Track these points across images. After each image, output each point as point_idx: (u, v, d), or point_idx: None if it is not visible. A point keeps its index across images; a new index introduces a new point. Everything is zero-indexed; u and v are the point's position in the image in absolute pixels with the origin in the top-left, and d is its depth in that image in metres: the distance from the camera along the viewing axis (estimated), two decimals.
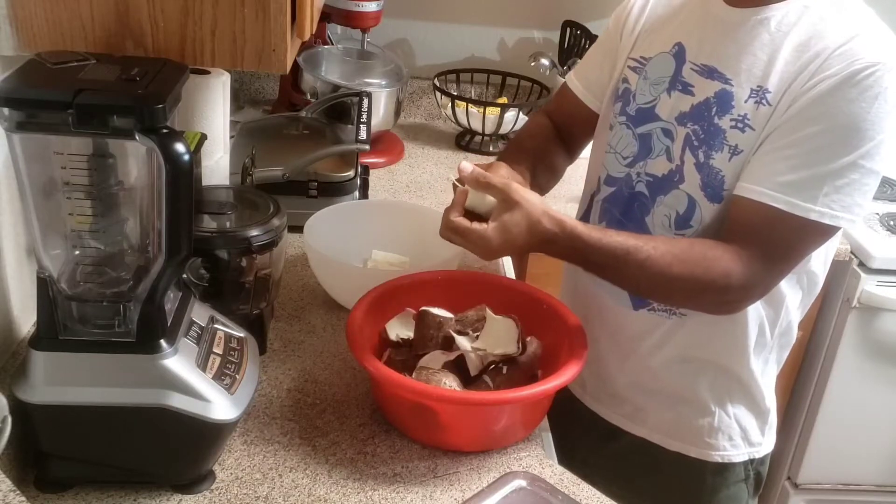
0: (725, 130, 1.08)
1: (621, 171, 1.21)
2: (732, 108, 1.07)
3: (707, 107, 1.10)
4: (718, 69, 1.10)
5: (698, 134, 1.10)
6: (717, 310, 1.12)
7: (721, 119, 1.08)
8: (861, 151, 1.00)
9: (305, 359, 1.23)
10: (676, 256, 1.05)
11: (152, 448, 0.94)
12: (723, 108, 1.08)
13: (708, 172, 1.10)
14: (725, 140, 1.08)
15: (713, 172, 1.09)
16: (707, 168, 1.10)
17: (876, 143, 0.99)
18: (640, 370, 1.24)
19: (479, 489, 1.01)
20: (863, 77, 0.98)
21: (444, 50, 2.34)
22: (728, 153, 1.08)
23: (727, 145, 1.08)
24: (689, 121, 1.12)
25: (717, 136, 1.08)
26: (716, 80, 1.09)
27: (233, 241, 1.12)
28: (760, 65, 1.06)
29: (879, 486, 2.20)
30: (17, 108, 0.81)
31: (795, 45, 1.04)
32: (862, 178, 1.01)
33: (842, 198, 1.01)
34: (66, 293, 0.91)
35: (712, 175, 1.09)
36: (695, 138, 1.11)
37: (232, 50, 0.96)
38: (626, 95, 1.21)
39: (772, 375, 1.26)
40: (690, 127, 1.12)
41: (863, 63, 0.98)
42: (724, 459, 1.26)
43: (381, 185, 1.89)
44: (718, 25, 1.11)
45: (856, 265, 1.94)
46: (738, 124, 1.07)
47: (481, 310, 1.16)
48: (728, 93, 1.08)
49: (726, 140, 1.08)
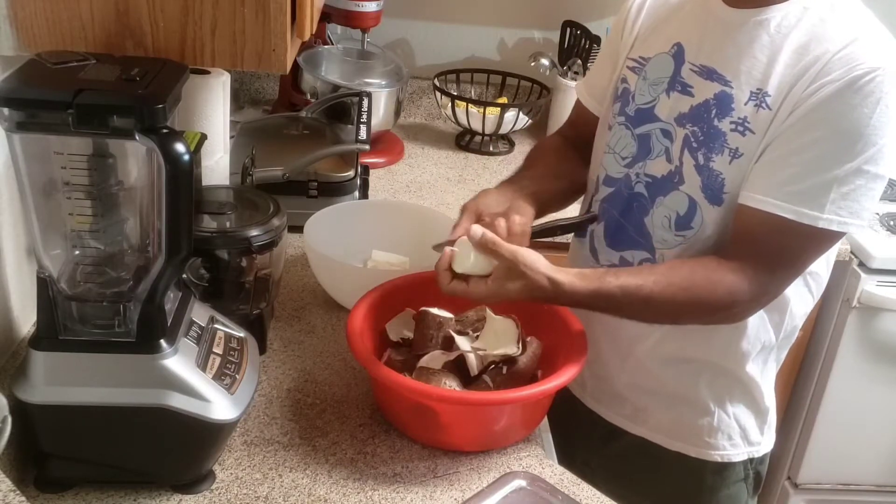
0: (726, 133, 1.07)
1: (620, 171, 1.21)
2: (732, 111, 1.07)
3: (706, 108, 1.10)
4: (718, 70, 1.09)
5: (697, 136, 1.10)
6: (727, 322, 1.13)
7: (721, 121, 1.08)
8: (865, 156, 0.99)
9: (305, 359, 1.23)
10: (679, 286, 1.05)
11: (152, 448, 0.94)
12: (722, 111, 1.08)
13: (708, 175, 1.09)
14: (726, 143, 1.07)
15: (713, 175, 1.09)
16: (707, 170, 1.09)
17: (879, 147, 0.99)
18: (640, 370, 1.24)
19: (479, 489, 1.01)
20: (864, 83, 0.98)
21: (444, 50, 2.34)
22: (728, 156, 1.07)
23: (728, 148, 1.07)
24: (688, 122, 1.12)
25: (717, 138, 1.08)
26: (715, 81, 1.09)
27: (233, 241, 1.12)
28: (760, 67, 1.06)
29: (879, 486, 2.20)
30: (17, 108, 0.81)
31: (795, 48, 1.04)
32: (867, 182, 1.01)
33: (849, 204, 1.01)
34: (66, 293, 0.91)
35: (712, 178, 1.09)
36: (694, 140, 1.11)
37: (232, 50, 0.96)
38: (626, 96, 1.21)
39: (771, 374, 1.26)
40: (690, 128, 1.11)
41: (864, 68, 0.98)
42: (724, 459, 1.26)
43: (381, 185, 1.89)
44: (718, 26, 1.11)
45: (856, 265, 1.94)
46: (739, 127, 1.06)
47: (481, 310, 1.16)
48: (728, 95, 1.08)
49: (727, 143, 1.07)
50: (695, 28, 1.14)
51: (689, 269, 1.07)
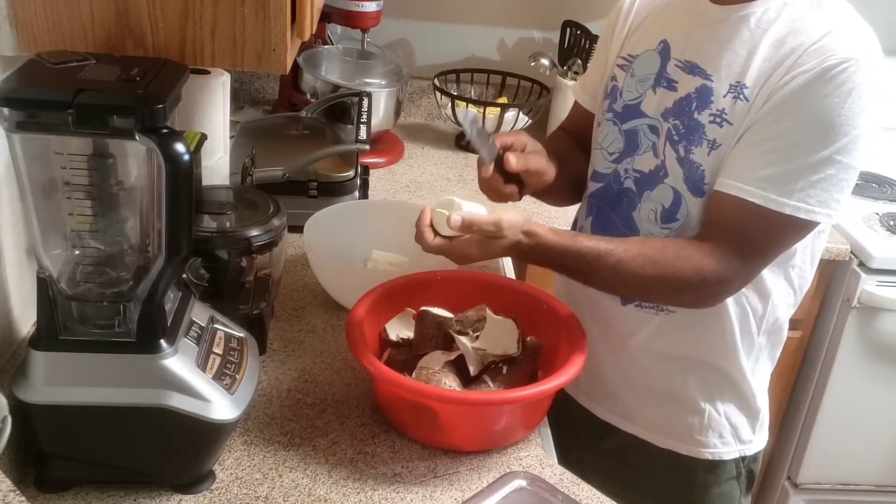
0: (704, 125, 1.09)
1: (607, 167, 1.22)
2: (711, 103, 1.08)
3: (688, 102, 1.11)
4: (699, 65, 1.11)
5: (678, 129, 1.12)
6: (695, 305, 1.13)
7: (700, 114, 1.09)
8: (836, 146, 1.00)
9: (305, 359, 1.23)
10: (648, 258, 1.06)
11: (152, 448, 0.94)
12: (702, 104, 1.09)
13: (689, 167, 1.11)
14: (704, 134, 1.09)
15: (693, 167, 1.10)
16: (688, 163, 1.11)
17: (851, 138, 1.00)
18: (631, 367, 1.25)
19: (479, 489, 1.01)
20: (837, 72, 0.99)
21: (444, 50, 2.34)
22: (707, 147, 1.08)
23: (706, 140, 1.08)
24: (671, 116, 1.13)
25: (696, 130, 1.09)
26: (697, 75, 1.11)
27: (233, 241, 1.12)
28: (740, 61, 1.07)
29: (879, 486, 2.20)
30: (17, 108, 0.81)
31: (773, 42, 1.05)
32: (838, 173, 1.01)
33: (818, 193, 1.02)
34: (66, 293, 0.91)
35: (693, 170, 1.10)
36: (675, 133, 1.12)
37: (232, 50, 0.96)
38: (614, 93, 1.22)
39: (764, 374, 1.27)
40: (672, 122, 1.13)
41: (837, 59, 0.99)
42: (715, 457, 1.26)
43: (381, 185, 1.89)
44: (702, 22, 1.12)
45: (856, 265, 1.94)
46: (717, 119, 1.08)
47: (481, 310, 1.16)
48: (708, 88, 1.09)
49: (705, 134, 1.09)
50: (681, 25, 1.15)
51: (661, 244, 1.10)
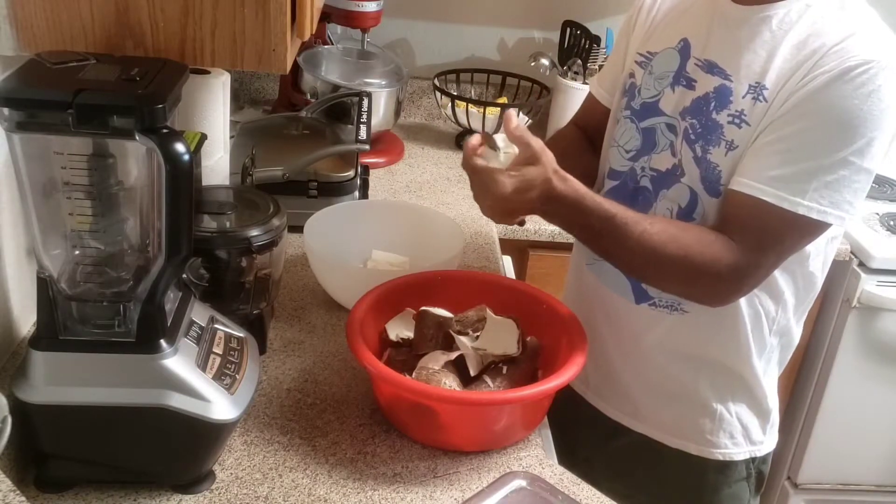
0: (723, 125, 1.08)
1: (624, 164, 1.22)
2: (730, 104, 1.08)
3: (706, 101, 1.10)
4: (719, 64, 1.10)
5: (696, 128, 1.11)
6: (709, 299, 1.12)
7: (719, 114, 1.09)
8: (852, 148, 1.00)
9: (305, 359, 1.23)
10: (672, 236, 1.05)
11: (152, 448, 0.94)
12: (721, 103, 1.09)
13: (706, 167, 1.10)
14: (723, 135, 1.08)
15: (710, 167, 1.10)
16: (705, 162, 1.10)
17: (867, 140, 0.99)
18: (643, 367, 1.25)
19: (479, 489, 1.01)
20: (857, 74, 0.98)
21: (444, 50, 2.34)
22: (725, 148, 1.08)
23: (724, 140, 1.08)
24: (688, 115, 1.13)
25: (714, 130, 1.09)
26: (716, 75, 1.10)
27: (233, 241, 1.12)
28: (760, 62, 1.06)
29: (879, 486, 2.20)
30: (17, 108, 0.81)
31: (794, 43, 1.04)
32: (852, 174, 1.01)
33: (831, 194, 1.01)
34: (66, 293, 0.90)
35: (710, 170, 1.10)
36: (692, 132, 1.12)
37: (232, 50, 0.96)
38: (632, 90, 1.22)
39: (774, 376, 1.27)
40: (689, 121, 1.12)
41: (857, 60, 0.98)
42: (726, 457, 1.26)
43: (381, 185, 1.89)
44: (723, 22, 1.12)
45: (856, 265, 1.94)
46: (735, 119, 1.07)
47: (481, 310, 1.16)
48: (727, 88, 1.08)
49: (723, 135, 1.08)
50: (702, 24, 1.15)
51: (685, 225, 1.09)
